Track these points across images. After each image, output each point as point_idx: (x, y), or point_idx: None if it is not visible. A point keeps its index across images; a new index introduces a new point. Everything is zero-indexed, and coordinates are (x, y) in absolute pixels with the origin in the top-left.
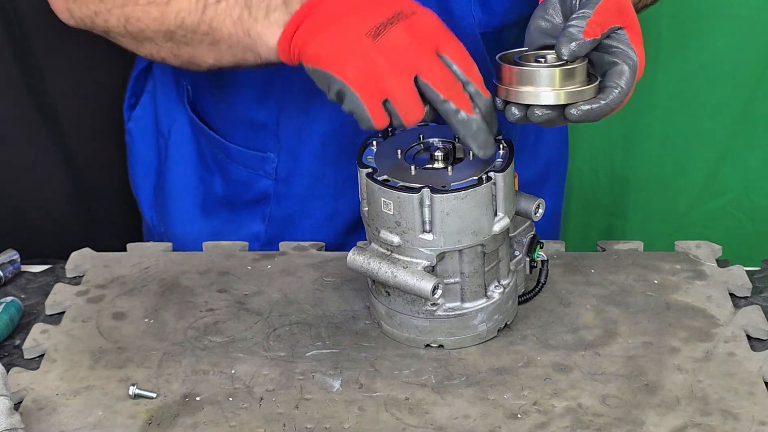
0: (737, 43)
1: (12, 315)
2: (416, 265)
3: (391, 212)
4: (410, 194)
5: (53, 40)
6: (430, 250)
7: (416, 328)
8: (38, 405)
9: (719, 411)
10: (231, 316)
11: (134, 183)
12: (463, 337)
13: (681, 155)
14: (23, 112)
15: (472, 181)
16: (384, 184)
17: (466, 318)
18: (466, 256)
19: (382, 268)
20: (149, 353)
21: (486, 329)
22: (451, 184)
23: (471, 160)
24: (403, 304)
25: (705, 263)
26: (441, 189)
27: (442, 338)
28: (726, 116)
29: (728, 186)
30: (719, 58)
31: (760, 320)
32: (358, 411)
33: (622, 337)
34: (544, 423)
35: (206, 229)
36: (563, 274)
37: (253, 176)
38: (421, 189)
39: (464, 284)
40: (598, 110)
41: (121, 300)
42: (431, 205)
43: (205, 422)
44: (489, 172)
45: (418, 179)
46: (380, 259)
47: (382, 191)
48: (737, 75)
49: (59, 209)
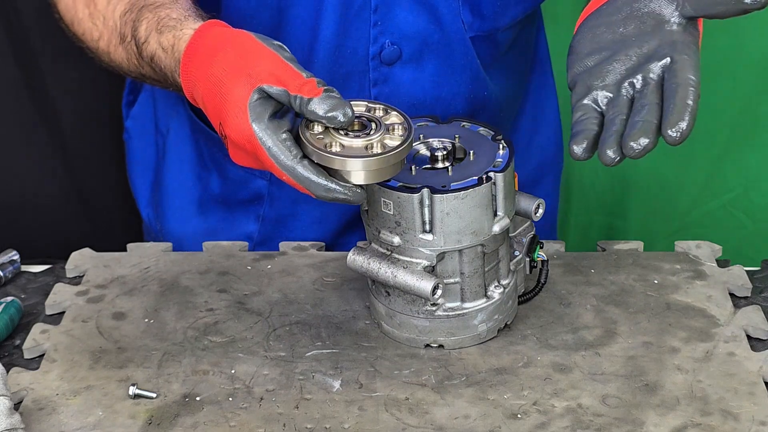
0: (737, 43)
1: (12, 315)
2: (416, 265)
3: (391, 212)
4: (410, 194)
5: (53, 40)
6: (430, 250)
7: (416, 328)
8: (38, 405)
9: (719, 411)
10: (231, 316)
11: (132, 180)
12: (463, 337)
13: (681, 155)
14: (23, 112)
15: (472, 181)
16: (383, 184)
17: (466, 318)
18: (466, 256)
19: (382, 269)
20: (149, 353)
21: (486, 329)
22: (451, 184)
23: (471, 160)
24: (403, 305)
25: (705, 263)
26: (441, 189)
27: (442, 338)
28: (726, 116)
29: (728, 186)
30: (719, 58)
31: (760, 320)
32: (358, 411)
33: (622, 337)
34: (544, 423)
35: (201, 227)
36: (563, 274)
37: (249, 176)
38: (420, 189)
39: (464, 284)
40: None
41: (121, 300)
42: (431, 205)
43: (205, 422)
44: (489, 171)
45: (418, 179)
46: (380, 260)
47: (382, 191)
48: (737, 75)
49: (59, 209)
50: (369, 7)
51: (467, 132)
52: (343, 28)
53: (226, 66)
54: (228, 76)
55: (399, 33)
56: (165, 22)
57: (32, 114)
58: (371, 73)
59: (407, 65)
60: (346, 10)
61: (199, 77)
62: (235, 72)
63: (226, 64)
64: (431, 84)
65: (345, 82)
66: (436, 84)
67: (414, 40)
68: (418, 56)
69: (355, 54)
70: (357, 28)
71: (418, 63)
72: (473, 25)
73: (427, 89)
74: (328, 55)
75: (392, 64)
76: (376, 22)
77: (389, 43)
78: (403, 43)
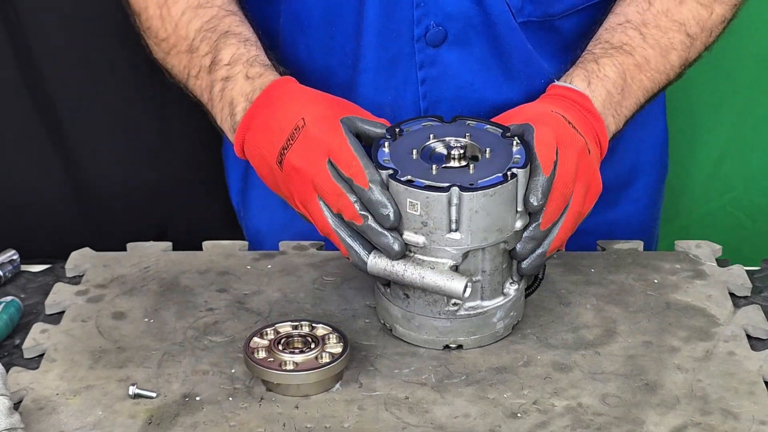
0: (737, 43)
1: (12, 315)
2: (443, 265)
3: (418, 212)
4: (439, 193)
5: (53, 40)
6: (456, 249)
7: (436, 329)
8: (38, 405)
9: (719, 410)
10: (231, 316)
11: (226, 168)
12: (482, 336)
13: (681, 155)
14: (23, 112)
15: (498, 178)
16: (410, 184)
17: (486, 316)
18: (489, 254)
19: (408, 270)
20: (149, 353)
21: (503, 327)
22: (478, 182)
23: (488, 157)
24: (424, 306)
25: (705, 263)
26: (470, 187)
27: (462, 338)
28: (726, 116)
29: (728, 186)
30: (719, 58)
31: (760, 320)
32: (357, 410)
33: (622, 336)
34: (544, 422)
35: (282, 223)
36: (563, 274)
37: None
38: (449, 188)
39: (485, 282)
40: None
41: (121, 300)
42: (459, 204)
43: (204, 422)
44: (512, 168)
45: (443, 178)
46: (404, 262)
47: (409, 192)
48: (737, 75)
49: (59, 209)
50: None
51: (475, 130)
52: (386, 10)
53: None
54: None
55: (442, 14)
56: (256, 60)
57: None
58: (417, 55)
59: (453, 47)
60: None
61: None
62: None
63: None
64: (480, 67)
65: (392, 65)
66: (485, 67)
67: (458, 21)
68: (464, 38)
69: (400, 36)
70: (400, 9)
71: (465, 45)
72: (523, 10)
73: (475, 72)
74: (374, 38)
75: (438, 45)
76: (418, 3)
77: (434, 24)
78: (448, 24)
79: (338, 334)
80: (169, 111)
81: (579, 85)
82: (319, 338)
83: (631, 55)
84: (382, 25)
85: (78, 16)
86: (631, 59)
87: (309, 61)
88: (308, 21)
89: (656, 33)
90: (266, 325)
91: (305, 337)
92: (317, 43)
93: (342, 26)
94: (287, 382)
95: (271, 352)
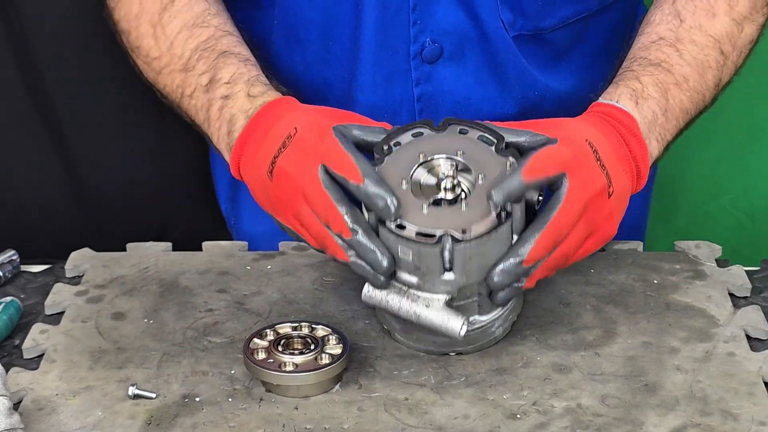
0: None
1: (11, 315)
2: (438, 302)
3: (410, 259)
4: (431, 247)
5: (53, 40)
6: (450, 287)
7: (435, 342)
8: (37, 405)
9: (719, 411)
10: (230, 317)
11: (213, 174)
12: (482, 343)
13: (681, 155)
14: (23, 112)
15: (493, 222)
16: (400, 234)
17: (485, 328)
18: (484, 281)
19: (403, 307)
20: (149, 354)
21: (502, 330)
22: (471, 226)
23: (481, 183)
24: (421, 328)
25: (705, 263)
26: (462, 238)
27: (461, 347)
28: (726, 116)
29: (728, 186)
30: None
31: (760, 320)
32: (357, 411)
33: (621, 337)
34: (544, 423)
35: (274, 227)
36: (563, 274)
37: None
38: (440, 238)
39: (482, 301)
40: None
41: (121, 300)
42: (452, 251)
43: (204, 423)
44: (505, 208)
45: (433, 221)
46: (399, 297)
47: (400, 241)
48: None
49: (59, 209)
50: (407, 6)
51: (467, 143)
52: (382, 27)
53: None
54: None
55: (438, 30)
56: (257, 79)
57: (33, 114)
58: (413, 72)
59: (449, 63)
60: (384, 9)
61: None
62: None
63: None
64: (475, 82)
65: (388, 82)
66: (481, 82)
67: (453, 37)
68: (459, 54)
69: (396, 53)
70: (396, 27)
71: (460, 61)
72: (515, 24)
73: (471, 87)
74: (370, 55)
75: (434, 62)
76: (415, 21)
77: (430, 41)
78: (444, 40)
79: (338, 336)
80: (168, 111)
81: (627, 104)
82: (319, 339)
83: (670, 72)
84: (378, 43)
85: (78, 16)
86: (671, 77)
87: (306, 73)
88: (305, 34)
89: (692, 49)
90: (266, 326)
91: (305, 338)
92: (315, 56)
93: (339, 41)
94: (287, 383)
95: (270, 353)
